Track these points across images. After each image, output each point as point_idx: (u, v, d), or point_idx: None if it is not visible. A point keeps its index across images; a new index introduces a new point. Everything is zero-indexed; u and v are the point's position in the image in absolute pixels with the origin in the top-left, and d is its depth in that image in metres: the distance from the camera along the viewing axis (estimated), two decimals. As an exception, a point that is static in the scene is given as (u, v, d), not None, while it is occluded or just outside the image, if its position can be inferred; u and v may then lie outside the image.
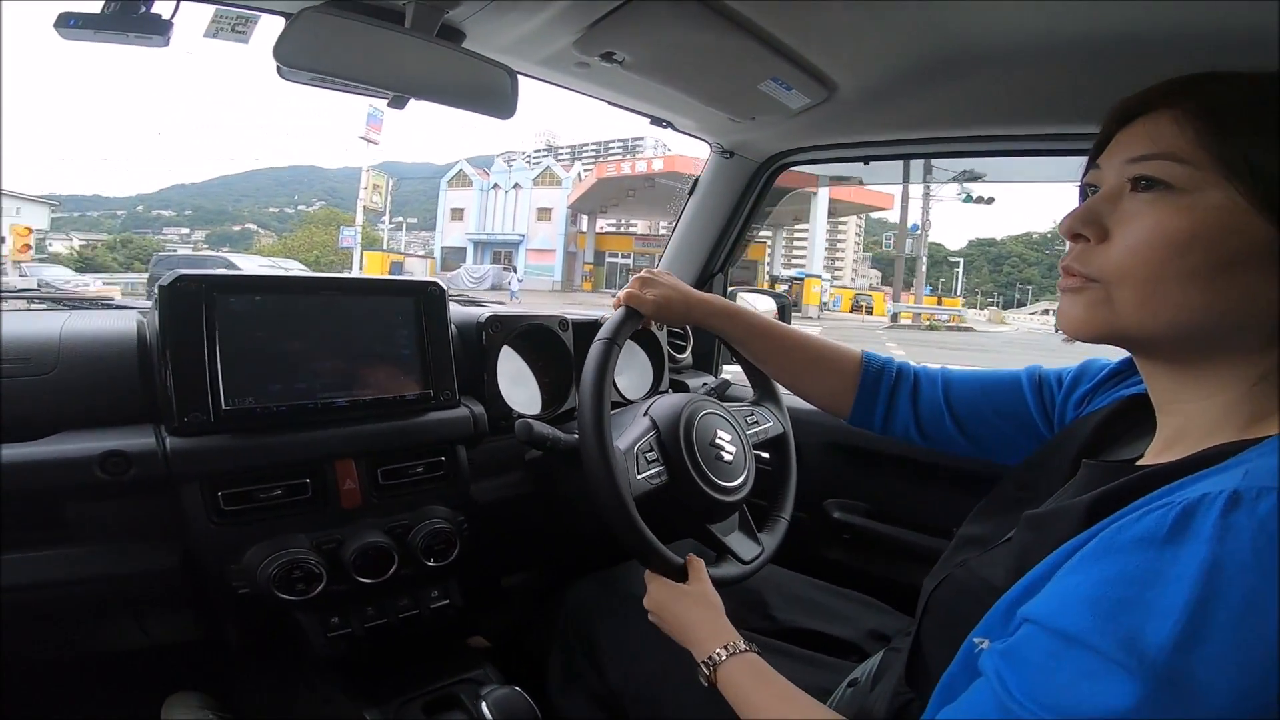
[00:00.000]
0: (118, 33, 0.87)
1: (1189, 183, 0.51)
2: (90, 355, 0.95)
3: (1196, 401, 0.56)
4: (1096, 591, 0.46)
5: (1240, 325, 0.51)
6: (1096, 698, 0.44)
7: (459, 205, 42.39)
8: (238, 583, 0.97)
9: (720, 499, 1.08)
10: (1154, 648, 0.43)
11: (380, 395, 1.09)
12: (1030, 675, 0.48)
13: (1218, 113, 0.50)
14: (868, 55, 1.15)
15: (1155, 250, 0.52)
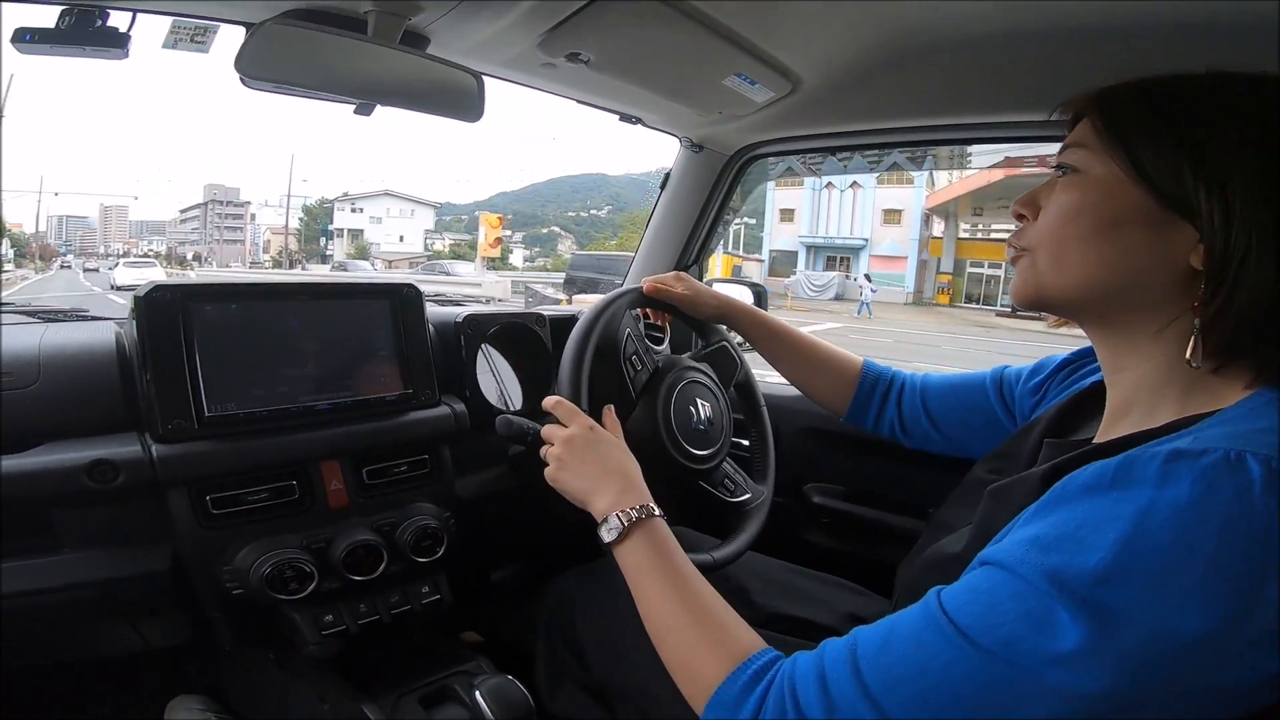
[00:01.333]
0: (74, 46, 0.87)
1: (1085, 164, 0.61)
2: (71, 367, 0.97)
3: (1134, 368, 0.62)
4: (1040, 532, 0.51)
5: (1133, 280, 0.59)
6: (1020, 620, 0.49)
7: (788, 205, 36.25)
8: (231, 584, 0.99)
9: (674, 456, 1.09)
10: (1075, 579, 0.47)
11: (361, 397, 1.11)
12: (959, 593, 0.54)
13: (1110, 108, 0.61)
14: (829, 48, 1.17)
15: (1058, 218, 0.62)
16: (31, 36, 0.86)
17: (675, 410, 1.10)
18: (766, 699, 0.60)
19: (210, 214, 72.17)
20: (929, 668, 0.52)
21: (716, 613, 0.72)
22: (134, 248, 78.95)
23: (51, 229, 76.24)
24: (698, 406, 1.14)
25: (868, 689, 0.55)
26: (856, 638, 0.59)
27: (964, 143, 1.50)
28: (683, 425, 1.10)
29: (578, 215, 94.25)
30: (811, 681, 0.58)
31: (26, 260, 49.34)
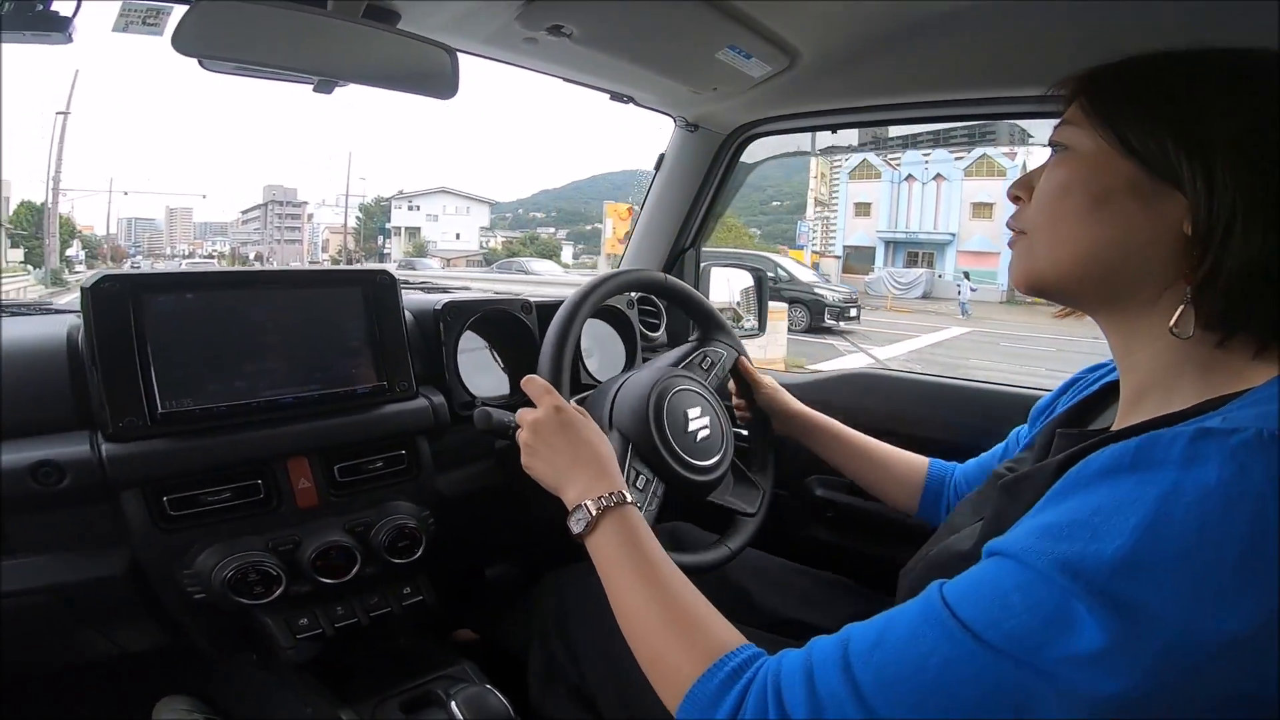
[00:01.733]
0: (15, 32, 0.84)
1: (1074, 140, 0.60)
2: (19, 362, 0.93)
3: (1144, 349, 0.60)
4: (1052, 519, 0.48)
5: (1129, 252, 0.57)
6: (1028, 613, 0.46)
7: (864, 199, 34.63)
8: (192, 588, 0.95)
9: (684, 475, 1.06)
10: (1091, 570, 0.44)
11: (330, 390, 1.07)
12: (963, 586, 0.52)
13: (1098, 86, 0.60)
14: (828, 19, 1.13)
15: (1049, 195, 0.62)
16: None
17: (670, 424, 1.06)
18: (746, 697, 0.57)
19: (270, 214, 72.13)
20: (926, 665, 0.49)
21: (692, 606, 0.69)
22: (199, 248, 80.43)
23: (121, 231, 78.29)
24: (691, 415, 1.09)
25: (858, 687, 0.52)
26: (849, 634, 0.56)
27: (966, 118, 1.48)
28: (680, 439, 1.06)
29: None
30: (798, 680, 0.55)
31: (98, 261, 50.72)
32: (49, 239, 32.53)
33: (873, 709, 0.51)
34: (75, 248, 45.71)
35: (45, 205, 33.63)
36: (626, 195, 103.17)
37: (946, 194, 31.47)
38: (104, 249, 55.82)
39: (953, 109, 1.38)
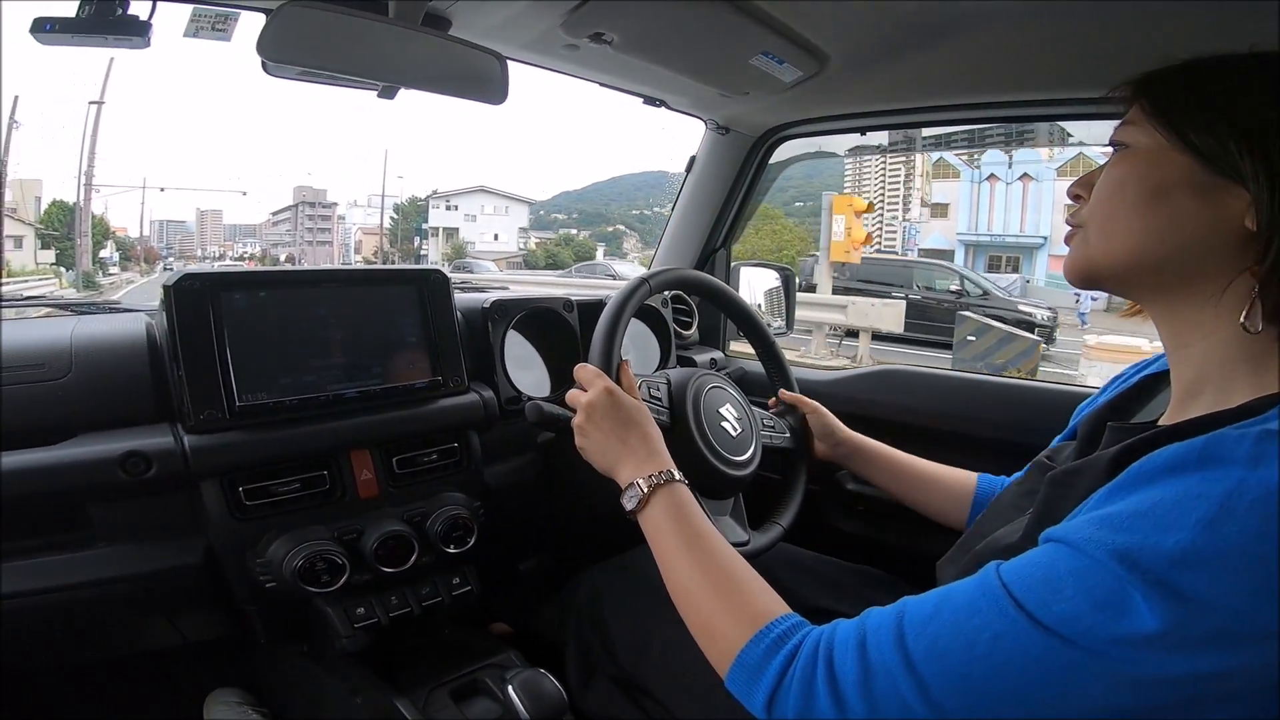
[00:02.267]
0: (95, 35, 0.87)
1: (1133, 138, 0.62)
2: (103, 358, 0.97)
3: (1198, 343, 0.61)
4: (1114, 511, 0.50)
5: (1187, 246, 0.59)
6: (1079, 597, 0.48)
7: (940, 200, 32.43)
8: (264, 576, 0.98)
9: (720, 468, 1.08)
10: (1149, 559, 0.46)
11: (390, 384, 1.10)
12: (1019, 567, 0.53)
13: (1154, 89, 0.62)
14: (857, 24, 1.15)
15: (1107, 191, 0.64)
16: (52, 26, 0.86)
17: (707, 420, 1.09)
18: (794, 663, 0.60)
19: (300, 215, 70.29)
20: (978, 640, 0.51)
21: (738, 577, 0.72)
22: (229, 250, 79.28)
23: (153, 233, 77.10)
24: (725, 412, 1.13)
25: (910, 657, 0.54)
26: (905, 606, 0.58)
27: (996, 120, 1.50)
28: (714, 430, 1.10)
29: (641, 213, 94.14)
30: (851, 647, 0.57)
31: (132, 264, 47.95)
32: (80, 239, 30.80)
33: (923, 678, 0.53)
34: (109, 249, 43.58)
35: (77, 204, 31.98)
36: (647, 197, 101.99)
37: (1034, 194, 29.33)
38: (137, 250, 53.64)
39: (982, 111, 1.40)
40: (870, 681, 0.55)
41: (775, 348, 1.30)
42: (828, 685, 0.57)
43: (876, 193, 34.05)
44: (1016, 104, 1.36)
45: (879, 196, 34.00)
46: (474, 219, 57.37)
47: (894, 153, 20.21)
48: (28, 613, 0.91)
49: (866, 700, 0.55)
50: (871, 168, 34.62)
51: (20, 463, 0.85)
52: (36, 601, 0.90)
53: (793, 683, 0.59)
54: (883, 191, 34.43)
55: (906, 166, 33.12)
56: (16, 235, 32.15)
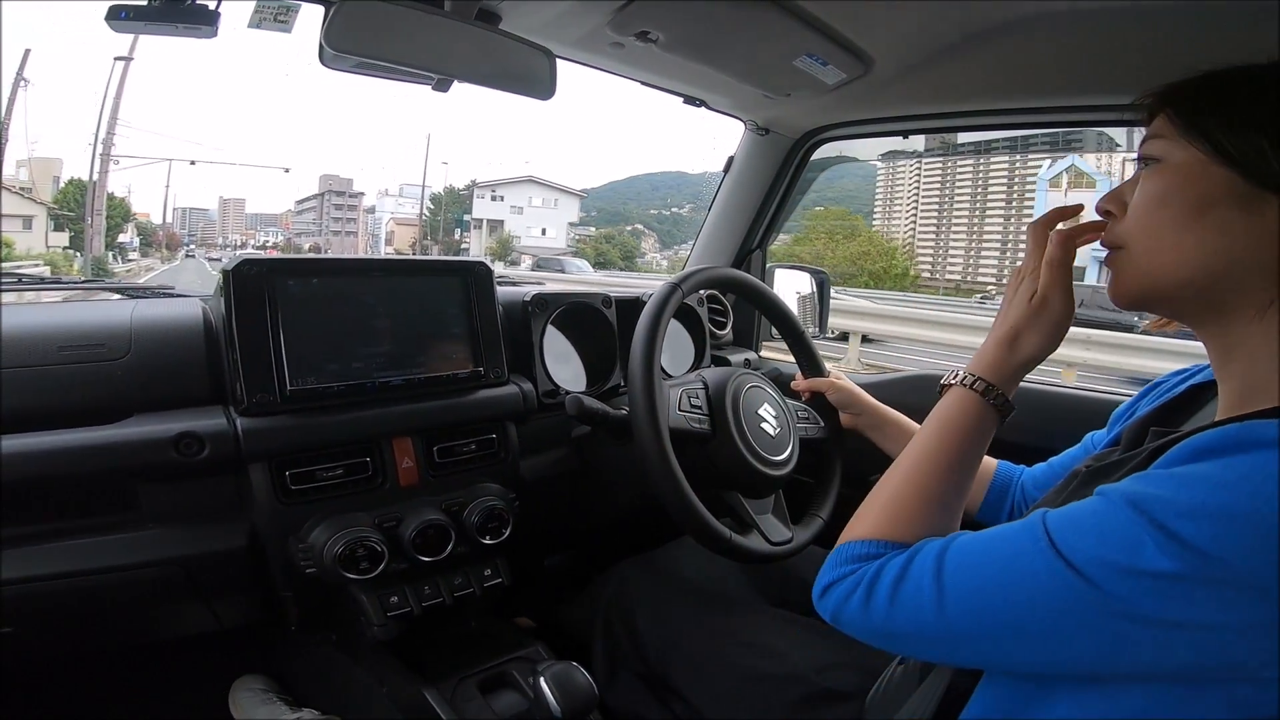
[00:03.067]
0: (166, 24, 0.88)
1: (1165, 152, 0.61)
2: (160, 340, 0.98)
3: (1245, 359, 0.61)
4: (1144, 474, 0.53)
5: (1234, 260, 0.58)
6: (1091, 531, 0.51)
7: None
8: (305, 562, 0.99)
9: (759, 469, 1.09)
10: (1161, 508, 0.48)
11: (434, 374, 1.11)
12: (1061, 510, 0.55)
13: (1184, 98, 0.61)
14: (905, 28, 1.14)
15: (1147, 207, 0.62)
16: (126, 14, 0.88)
17: (746, 419, 1.10)
18: (844, 580, 0.65)
19: (325, 205, 68.33)
20: (998, 557, 0.55)
21: (927, 495, 0.70)
22: (251, 239, 79.21)
23: (176, 219, 76.48)
24: (764, 412, 1.14)
25: (942, 569, 0.58)
26: (959, 534, 0.61)
27: (1041, 126, 1.46)
28: (754, 432, 1.10)
29: (659, 213, 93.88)
30: (901, 559, 0.62)
31: (153, 250, 47.07)
32: (92, 217, 26.35)
33: (944, 588, 0.57)
34: (130, 233, 41.55)
35: (91, 176, 27.26)
36: (665, 197, 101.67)
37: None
38: (158, 236, 52.22)
39: (1026, 116, 1.39)
40: (901, 586, 0.60)
41: (805, 337, 1.30)
42: (867, 589, 0.62)
43: (910, 199, 33.75)
44: (1060, 109, 1.35)
45: (912, 202, 33.73)
46: (520, 211, 53.61)
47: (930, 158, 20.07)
48: (81, 593, 0.92)
49: (890, 604, 0.60)
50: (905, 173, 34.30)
51: (79, 440, 0.87)
52: (90, 582, 0.92)
53: (844, 582, 0.64)
54: (916, 197, 34.08)
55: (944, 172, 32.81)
56: (26, 214, 29.36)
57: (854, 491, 1.50)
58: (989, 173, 48.77)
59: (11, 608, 0.90)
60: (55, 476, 0.86)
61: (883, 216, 59.93)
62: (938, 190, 47.29)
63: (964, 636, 0.57)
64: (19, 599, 0.89)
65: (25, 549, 0.89)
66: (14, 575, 0.87)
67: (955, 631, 0.57)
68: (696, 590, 1.17)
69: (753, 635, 1.04)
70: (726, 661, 1.03)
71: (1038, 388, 1.51)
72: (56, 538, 0.91)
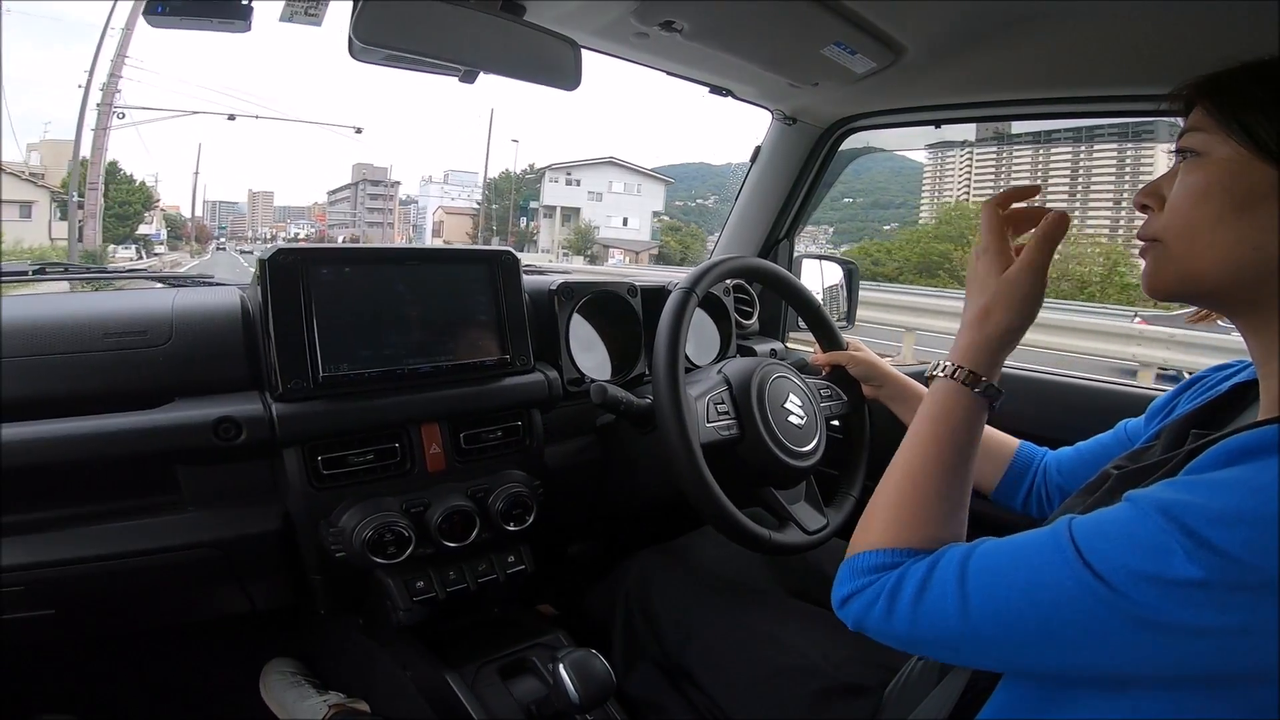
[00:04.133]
0: (202, 19, 0.91)
1: (1206, 146, 0.60)
2: (200, 328, 1.02)
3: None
4: (1175, 481, 0.52)
5: (1273, 255, 0.57)
6: (1119, 539, 0.50)
7: None
8: (334, 546, 1.02)
9: (789, 462, 1.09)
10: (1194, 516, 0.47)
11: (461, 361, 1.13)
12: (1087, 517, 0.55)
13: (1223, 91, 0.60)
14: (938, 16, 1.13)
15: (1187, 202, 0.61)
16: (163, 9, 0.90)
17: (771, 411, 1.10)
18: (865, 591, 0.64)
19: (360, 194, 65.39)
20: (1024, 565, 0.55)
21: (928, 494, 0.69)
22: (281, 231, 78.08)
23: (206, 212, 74.68)
24: (790, 404, 1.13)
25: (965, 576, 0.58)
26: (983, 540, 0.61)
27: (1076, 116, 1.45)
28: (781, 425, 1.10)
29: (685, 205, 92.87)
30: (923, 566, 0.61)
31: (182, 243, 44.28)
32: (84, 193, 17.53)
33: (968, 595, 0.57)
34: (155, 224, 38.40)
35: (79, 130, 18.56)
36: (689, 189, 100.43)
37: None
38: (187, 228, 49.99)
39: (1062, 106, 1.36)
40: (925, 594, 0.59)
41: (822, 312, 1.28)
42: (890, 598, 0.62)
43: (961, 192, 32.39)
44: (1093, 99, 1.32)
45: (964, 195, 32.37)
46: (599, 198, 46.53)
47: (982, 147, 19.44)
48: (123, 575, 0.96)
49: (913, 610, 0.60)
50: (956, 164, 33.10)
51: (123, 424, 0.90)
52: (132, 564, 0.95)
53: (867, 590, 0.64)
54: (968, 191, 32.89)
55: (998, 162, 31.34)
56: (24, 200, 23.54)
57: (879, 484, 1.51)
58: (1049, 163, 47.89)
59: (55, 590, 0.94)
60: (101, 459, 0.89)
61: (930, 210, 58.75)
62: (991, 182, 45.79)
63: (988, 642, 0.57)
64: (62, 581, 0.93)
65: (69, 531, 0.93)
66: (58, 558, 0.91)
67: (979, 638, 0.57)
68: (716, 580, 1.18)
69: (772, 627, 1.05)
70: (745, 653, 1.03)
71: (1069, 381, 1.49)
72: (99, 520, 0.95)
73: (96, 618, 1.08)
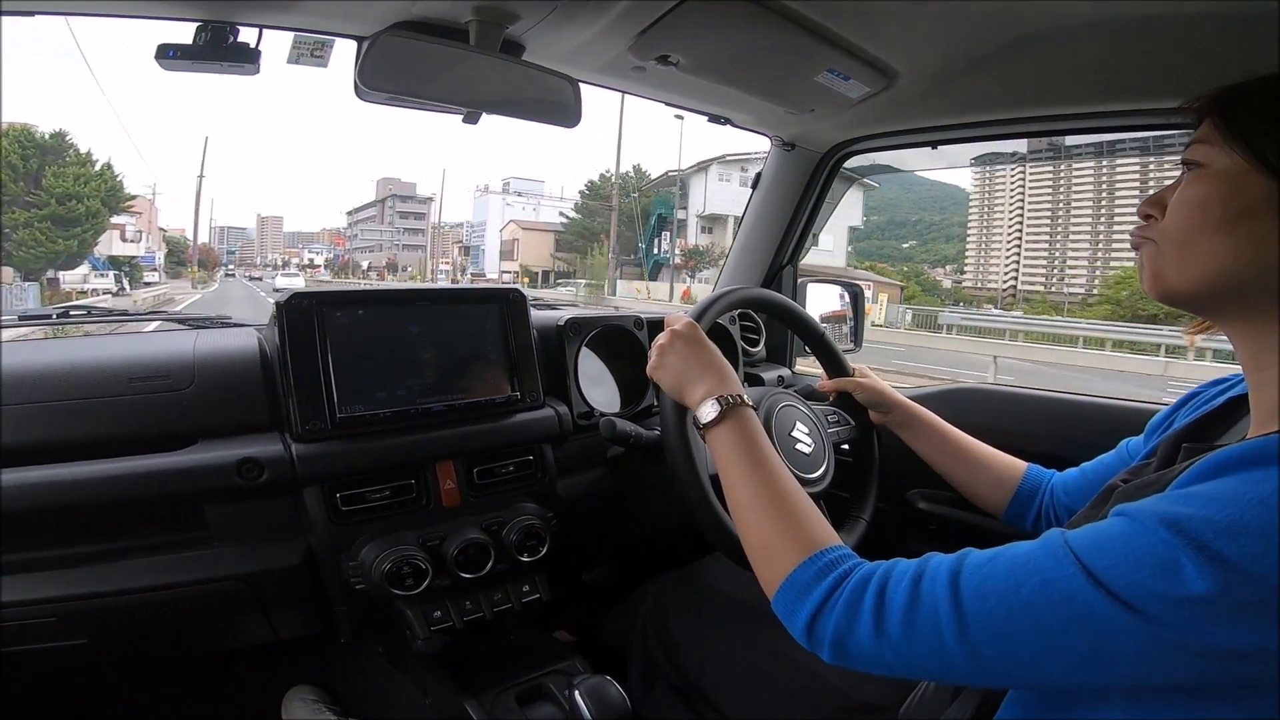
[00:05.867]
0: (212, 63, 0.94)
1: (1209, 158, 0.61)
2: (221, 371, 1.05)
3: (1277, 364, 0.60)
4: (1173, 494, 0.53)
5: (1267, 267, 0.58)
6: (1123, 555, 0.50)
7: None
8: (355, 578, 1.04)
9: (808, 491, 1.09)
10: (1197, 527, 0.48)
11: (473, 399, 1.15)
12: (1082, 530, 0.55)
13: (1228, 105, 0.61)
14: (927, 40, 1.15)
15: (1184, 211, 0.62)
16: (174, 53, 0.94)
17: (779, 441, 1.10)
18: (843, 586, 0.63)
19: (388, 212, 60.16)
20: (1027, 582, 0.54)
21: (798, 504, 0.75)
22: (294, 257, 76.52)
23: (213, 239, 73.72)
24: (798, 432, 1.13)
25: (959, 593, 0.57)
26: (968, 551, 0.61)
27: (1068, 133, 1.46)
28: (789, 453, 1.10)
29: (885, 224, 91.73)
30: (907, 580, 0.60)
31: (185, 269, 36.45)
32: None
33: (965, 614, 0.56)
34: (140, 242, 28.08)
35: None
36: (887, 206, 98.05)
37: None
38: (189, 253, 42.43)
39: (1060, 124, 1.37)
40: (915, 611, 0.58)
41: (826, 339, 1.28)
42: (874, 611, 0.60)
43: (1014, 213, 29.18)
44: (1090, 115, 1.33)
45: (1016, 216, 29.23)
46: None
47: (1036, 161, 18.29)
48: (153, 607, 0.98)
49: (906, 629, 0.59)
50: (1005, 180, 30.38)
51: (150, 466, 0.93)
52: (162, 596, 0.97)
53: (839, 603, 0.63)
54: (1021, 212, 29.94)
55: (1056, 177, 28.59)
56: None
57: (891, 507, 1.50)
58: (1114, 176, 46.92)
59: (89, 620, 0.96)
60: (131, 500, 0.92)
61: (979, 228, 57.59)
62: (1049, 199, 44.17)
63: (989, 660, 0.56)
64: (97, 612, 0.95)
65: (103, 566, 0.95)
66: (91, 590, 0.94)
67: (980, 655, 0.56)
68: (731, 604, 1.18)
69: (788, 648, 1.03)
70: (762, 674, 1.04)
71: (1070, 398, 1.49)
72: (131, 555, 0.97)
73: (127, 648, 1.10)
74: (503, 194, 52.62)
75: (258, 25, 0.96)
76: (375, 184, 67.95)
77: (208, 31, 0.93)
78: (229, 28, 0.94)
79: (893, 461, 1.24)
